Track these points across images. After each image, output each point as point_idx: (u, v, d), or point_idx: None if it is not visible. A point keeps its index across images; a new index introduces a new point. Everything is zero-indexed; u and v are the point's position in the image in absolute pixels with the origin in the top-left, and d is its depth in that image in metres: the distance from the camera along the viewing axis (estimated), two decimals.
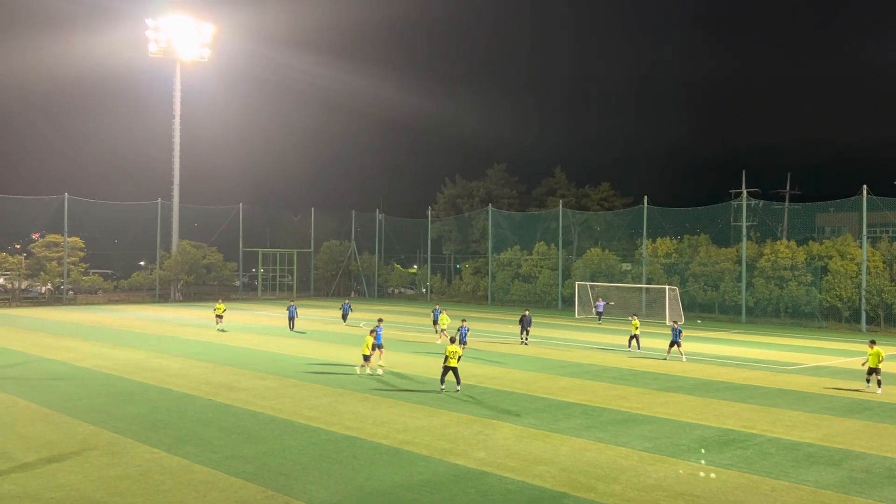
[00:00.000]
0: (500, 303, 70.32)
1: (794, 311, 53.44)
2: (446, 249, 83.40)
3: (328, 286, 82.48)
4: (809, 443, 18.18)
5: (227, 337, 38.94)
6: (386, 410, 21.09)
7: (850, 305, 51.18)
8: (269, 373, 27.34)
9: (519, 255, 70.65)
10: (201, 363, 29.62)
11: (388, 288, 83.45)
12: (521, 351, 34.99)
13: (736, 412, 21.68)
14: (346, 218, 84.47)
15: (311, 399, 22.51)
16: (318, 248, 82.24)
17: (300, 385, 24.96)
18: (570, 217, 70.56)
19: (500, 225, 74.88)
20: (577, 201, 77.49)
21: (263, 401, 22.20)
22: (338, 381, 25.89)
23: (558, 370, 29.29)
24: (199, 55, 71.20)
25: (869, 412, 22.04)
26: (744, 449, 17.56)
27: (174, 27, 69.53)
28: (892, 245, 52.21)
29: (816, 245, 54.51)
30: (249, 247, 77.60)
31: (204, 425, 19.12)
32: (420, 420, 19.97)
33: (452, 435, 18.41)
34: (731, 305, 56.04)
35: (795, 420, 20.73)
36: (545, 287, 67.59)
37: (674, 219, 63.46)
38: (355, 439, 17.87)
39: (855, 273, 51.05)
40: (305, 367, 28.78)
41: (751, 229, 58.10)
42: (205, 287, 74.95)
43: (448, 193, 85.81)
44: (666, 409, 22.01)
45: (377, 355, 27.66)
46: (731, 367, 30.76)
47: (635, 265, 62.73)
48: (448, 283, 79.28)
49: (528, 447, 17.40)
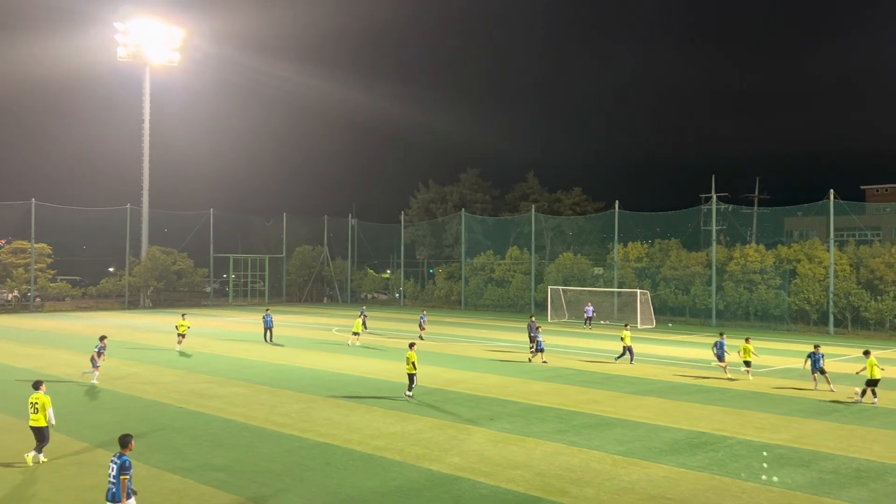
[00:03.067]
0: (474, 307, 70.42)
1: (764, 314, 54.07)
2: (420, 254, 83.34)
3: (301, 292, 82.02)
4: (779, 444, 18.39)
5: (198, 343, 38.55)
6: (359, 416, 21.00)
7: (819, 308, 51.88)
8: (241, 379, 27.11)
9: (492, 259, 70.82)
10: (172, 370, 29.31)
11: (362, 293, 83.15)
12: (493, 355, 35.02)
13: (707, 415, 21.88)
14: (318, 223, 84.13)
15: (283, 406, 22.36)
16: (291, 254, 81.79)
17: (272, 392, 24.78)
18: (543, 222, 70.87)
19: (474, 230, 75.02)
20: (550, 206, 77.84)
21: (235, 408, 22.01)
22: (311, 387, 25.74)
23: (532, 374, 29.36)
24: (169, 59, 70.59)
25: (837, 414, 22.35)
26: (715, 451, 17.72)
27: (143, 31, 68.88)
28: (858, 248, 53.08)
29: (785, 249, 55.23)
30: (220, 252, 76.96)
31: (175, 433, 18.91)
32: (394, 426, 19.92)
33: (426, 440, 18.38)
34: (702, 309, 56.58)
35: (765, 422, 20.97)
36: (518, 291, 67.81)
37: (645, 223, 63.99)
38: (328, 446, 17.78)
39: (823, 276, 51.77)
40: (277, 374, 28.58)
41: (720, 233, 58.79)
42: (175, 293, 74.17)
43: (421, 198, 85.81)
44: (638, 412, 22.15)
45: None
46: (702, 370, 31.04)
47: (607, 269, 63.12)
48: (421, 288, 79.22)
49: (501, 452, 17.42)
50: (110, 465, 11.71)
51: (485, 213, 79.89)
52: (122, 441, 11.95)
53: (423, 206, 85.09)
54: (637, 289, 55.60)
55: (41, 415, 16.04)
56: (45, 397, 16.22)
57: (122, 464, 11.56)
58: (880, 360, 34.68)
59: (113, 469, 11.60)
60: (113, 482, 11.56)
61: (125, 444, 11.90)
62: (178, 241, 73.90)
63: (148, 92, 70.69)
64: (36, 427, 16.09)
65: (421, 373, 28.68)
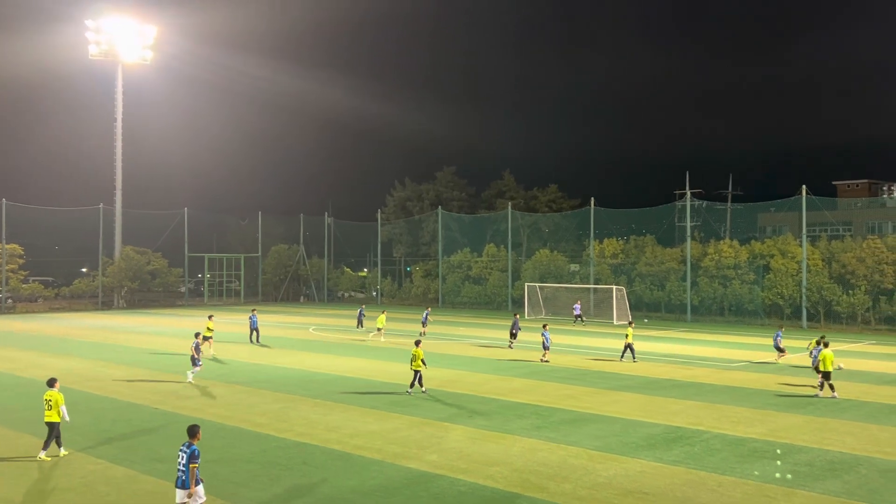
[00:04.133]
0: (451, 305, 70.46)
1: (738, 308, 54.63)
2: (396, 252, 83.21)
3: (277, 291, 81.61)
4: (754, 438, 18.60)
5: (173, 344, 38.24)
6: (337, 416, 20.96)
7: (792, 303, 52.51)
8: (218, 380, 26.93)
9: (469, 257, 70.90)
10: (147, 371, 29.06)
11: (339, 292, 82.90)
12: (473, 353, 35.09)
13: (683, 409, 22.07)
14: (294, 222, 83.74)
15: (260, 405, 22.25)
16: (266, 253, 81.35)
17: (249, 391, 24.65)
18: (519, 219, 71.05)
19: (450, 227, 75.06)
20: (526, 203, 78.04)
21: (211, 408, 21.87)
22: (288, 387, 25.63)
23: (510, 371, 29.46)
24: (142, 57, 69.88)
25: (811, 407, 22.64)
26: (691, 445, 17.89)
27: (115, 29, 68.13)
28: (830, 243, 53.75)
29: (758, 244, 55.83)
30: (195, 252, 76.38)
31: (150, 434, 18.76)
32: (371, 424, 19.90)
33: (404, 438, 18.38)
34: (677, 304, 57.05)
35: (740, 416, 21.19)
36: (495, 289, 67.96)
37: (620, 220, 64.39)
38: (306, 445, 17.72)
39: (795, 271, 52.40)
40: (255, 374, 28.42)
41: (695, 229, 59.25)
42: (149, 294, 73.51)
43: (398, 196, 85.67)
44: (615, 407, 22.30)
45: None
46: (678, 365, 31.30)
47: (583, 266, 63.44)
48: (399, 286, 79.13)
49: (480, 449, 17.46)
50: (179, 454, 12.30)
51: (461, 210, 79.94)
52: (191, 431, 12.55)
53: (399, 205, 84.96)
54: (613, 285, 55.94)
55: (55, 411, 16.74)
56: (58, 395, 16.86)
57: (191, 453, 12.17)
58: (847, 353, 35.17)
59: (182, 458, 12.20)
60: (182, 470, 12.16)
61: (193, 434, 12.49)
62: (152, 240, 73.19)
63: (120, 90, 69.93)
64: (50, 423, 16.77)
65: (398, 371, 28.73)
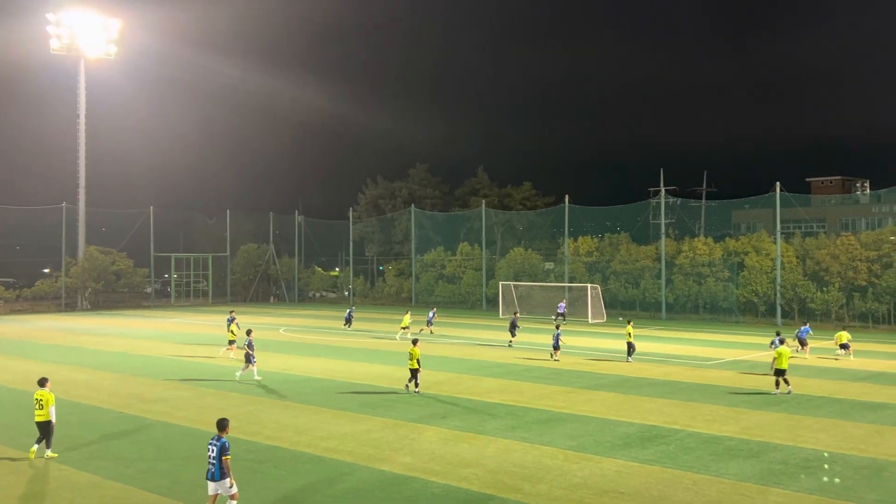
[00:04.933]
0: (425, 304, 70.30)
1: (713, 306, 55.18)
2: (369, 251, 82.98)
3: (246, 291, 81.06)
4: (729, 436, 18.81)
5: (140, 346, 37.86)
6: (308, 418, 20.87)
7: (766, 300, 53.12)
8: (185, 382, 26.71)
9: (443, 255, 70.93)
10: (111, 374, 28.73)
11: (310, 292, 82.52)
12: (445, 352, 35.12)
13: (657, 408, 22.26)
14: (263, 220, 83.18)
15: (229, 409, 22.08)
16: (235, 252, 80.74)
17: (218, 394, 24.47)
18: (493, 217, 71.18)
19: (424, 226, 75.01)
20: (500, 201, 78.19)
21: (178, 412, 21.68)
22: (257, 389, 25.49)
23: (483, 371, 29.52)
24: (106, 52, 68.94)
25: (785, 405, 22.93)
26: (666, 444, 18.05)
27: (77, 22, 67.13)
28: (804, 240, 54.45)
29: (733, 241, 56.43)
30: (161, 252, 75.61)
31: (115, 439, 18.55)
32: (343, 426, 19.84)
33: (377, 440, 18.35)
34: (652, 302, 57.51)
35: (715, 414, 21.42)
36: (469, 287, 68.05)
37: (594, 218, 64.80)
38: (277, 448, 17.63)
39: (770, 268, 53.04)
40: (223, 376, 28.22)
41: (669, 227, 59.74)
42: (114, 295, 72.67)
43: (370, 194, 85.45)
44: (589, 406, 22.44)
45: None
46: (652, 364, 31.56)
47: (558, 264, 63.71)
48: (371, 286, 78.95)
49: (453, 450, 17.49)
50: (209, 448, 12.60)
51: (434, 208, 79.93)
52: (220, 424, 12.85)
53: (371, 203, 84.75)
54: (588, 283, 56.25)
55: (45, 410, 16.88)
56: (48, 394, 17.03)
57: (221, 446, 12.52)
58: (821, 351, 35.67)
59: (213, 451, 12.51)
60: (213, 463, 12.51)
61: (223, 428, 12.81)
62: (117, 240, 72.35)
63: (83, 86, 68.94)
64: (40, 422, 16.91)
65: (369, 372, 28.70)
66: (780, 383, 24.53)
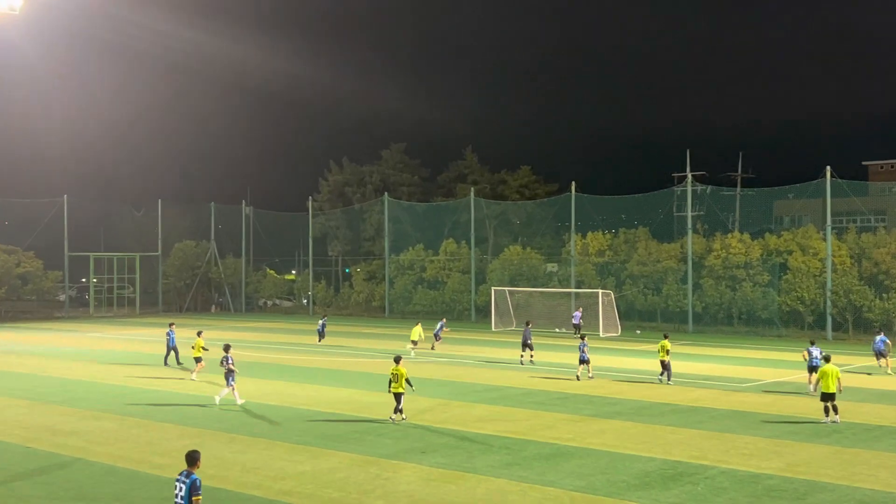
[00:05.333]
0: (401, 314, 70.35)
1: (750, 317, 55.45)
2: (332, 250, 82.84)
3: (182, 299, 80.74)
4: (770, 474, 18.91)
5: (51, 366, 37.63)
6: (258, 453, 20.82)
7: (814, 309, 53.39)
8: (107, 411, 26.57)
9: (423, 255, 70.91)
10: (16, 401, 28.54)
11: (260, 299, 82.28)
12: (427, 373, 35.10)
13: (683, 440, 22.35)
14: (203, 212, 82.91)
15: (162, 443, 21.99)
16: (168, 252, 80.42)
17: (148, 425, 24.37)
18: (485, 208, 71.25)
19: (399, 219, 74.93)
20: (493, 189, 78.28)
21: (99, 447, 21.58)
22: (197, 418, 25.39)
23: (473, 395, 29.52)
24: (9, 6, 68.33)
25: (838, 435, 23.08)
26: (693, 484, 18.12)
27: None
28: (860, 237, 54.66)
29: (774, 238, 56.67)
30: (78, 251, 75.20)
31: (23, 480, 18.44)
32: (301, 464, 19.80)
33: (342, 481, 18.33)
34: (676, 312, 57.74)
35: (753, 447, 21.53)
36: (455, 294, 68.05)
37: (607, 209, 64.93)
38: (219, 490, 17.58)
39: (819, 271, 53.28)
40: (154, 402, 28.10)
41: (697, 220, 60.03)
42: (20, 303, 72.26)
43: (334, 180, 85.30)
44: (601, 438, 22.50)
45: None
46: (678, 387, 31.68)
47: (562, 266, 63.87)
48: (335, 292, 78.85)
49: (436, 492, 17.50)
50: (176, 486, 12.38)
51: (413, 198, 79.90)
52: (191, 457, 12.66)
53: (336, 191, 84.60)
54: (599, 289, 56.39)
55: None
56: None
57: (192, 483, 12.25)
58: (880, 371, 35.92)
59: (181, 489, 12.28)
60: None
61: (193, 462, 12.61)
62: (23, 236, 71.84)
63: None
64: None
65: (333, 397, 28.67)
66: (830, 410, 24.64)
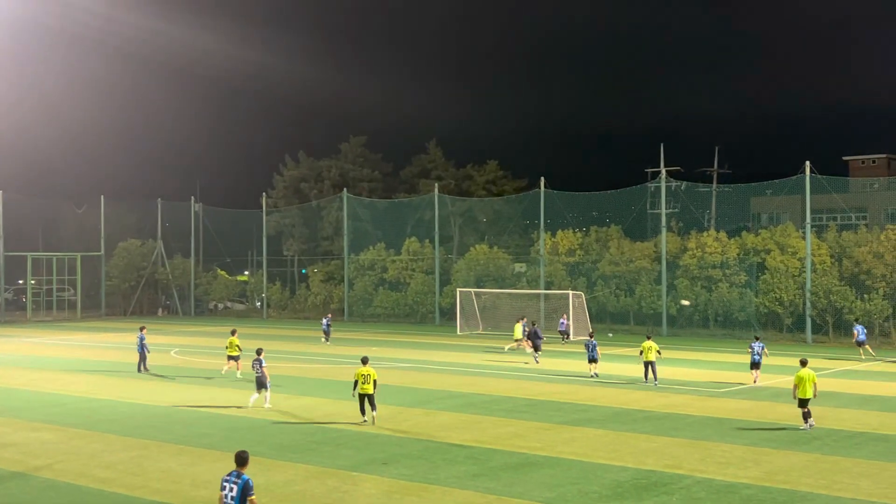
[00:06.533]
0: (361, 317, 70.26)
1: (726, 319, 55.87)
2: (288, 250, 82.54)
3: (126, 302, 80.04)
4: (747, 483, 19.06)
5: None
6: (208, 466, 20.68)
7: (793, 311, 53.92)
8: (46, 421, 26.30)
9: (384, 255, 70.80)
10: None
11: (210, 302, 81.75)
12: (388, 380, 35.00)
13: (657, 448, 22.48)
14: (149, 209, 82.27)
15: (105, 455, 21.80)
16: (112, 251, 79.71)
17: (90, 436, 24.15)
18: (449, 205, 71.31)
19: (359, 216, 74.81)
20: (458, 185, 78.38)
21: (37, 460, 21.35)
22: (142, 428, 25.20)
23: (436, 403, 29.54)
24: None
25: (818, 442, 23.32)
26: (668, 494, 18.23)
27: None
28: (840, 235, 55.25)
29: (751, 236, 57.18)
30: (14, 250, 74.35)
31: None
32: (255, 476, 19.50)
33: (298, 494, 18.26)
34: (650, 314, 58.08)
35: (730, 455, 21.70)
36: (418, 296, 68.01)
37: (578, 206, 65.19)
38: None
39: (798, 270, 53.79)
40: (96, 412, 27.86)
41: (671, 218, 60.39)
42: None
43: (289, 175, 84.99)
44: (571, 447, 22.58)
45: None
46: (651, 392, 31.88)
47: (531, 266, 64.04)
48: (291, 294, 78.52)
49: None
50: (225, 486, 12.62)
51: (374, 194, 79.83)
52: (241, 458, 12.95)
53: (291, 186, 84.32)
54: (569, 290, 56.57)
55: None
56: None
57: (244, 483, 12.57)
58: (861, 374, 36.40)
59: (232, 490, 12.53)
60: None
61: (244, 462, 12.92)
62: None
63: None
64: None
65: (289, 405, 28.54)
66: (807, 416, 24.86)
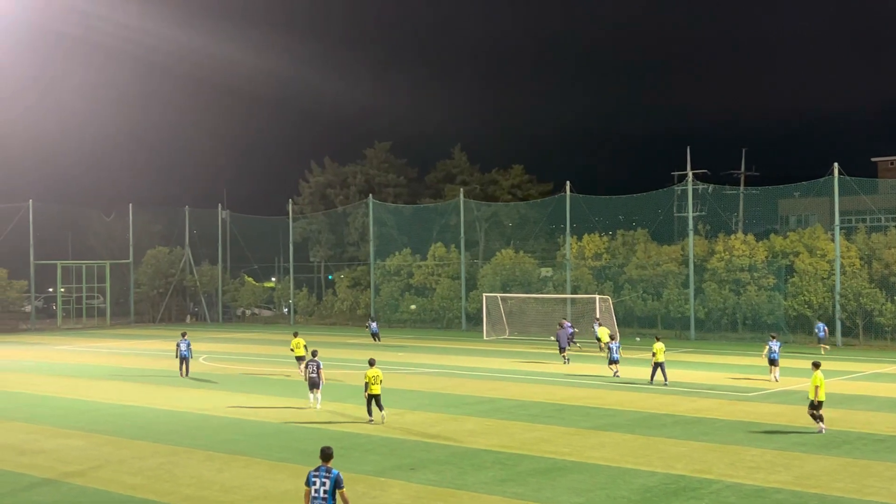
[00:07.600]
0: (387, 322, 70.27)
1: (755, 322, 55.52)
2: (314, 256, 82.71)
3: (155, 309, 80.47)
4: (777, 488, 18.93)
5: (15, 382, 37.50)
6: (237, 472, 20.75)
7: (823, 313, 53.51)
8: (77, 428, 26.47)
9: (410, 260, 70.85)
10: None
11: (238, 308, 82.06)
12: (414, 385, 35.07)
13: (686, 453, 22.37)
14: (177, 217, 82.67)
15: (135, 461, 21.91)
16: (140, 259, 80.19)
17: (120, 442, 24.28)
18: (475, 210, 71.24)
19: (385, 222, 74.88)
20: (483, 189, 78.29)
21: (68, 466, 21.49)
22: (171, 435, 25.30)
23: (463, 408, 29.49)
24: None
25: (848, 446, 23.13)
26: (697, 499, 18.13)
27: None
28: (870, 237, 54.80)
29: (779, 239, 56.83)
30: (45, 259, 74.92)
31: None
32: (284, 482, 19.74)
33: None
34: (678, 318, 57.81)
35: (759, 460, 21.56)
36: (444, 301, 68.01)
37: (604, 210, 64.93)
38: None
39: (827, 273, 53.45)
40: (125, 419, 27.99)
41: (699, 221, 60.09)
42: None
43: (316, 182, 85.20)
44: (600, 452, 22.50)
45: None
46: (680, 396, 31.70)
47: (557, 270, 63.87)
48: (318, 300, 78.70)
49: None
50: (315, 481, 13.07)
51: (399, 199, 79.85)
52: (327, 454, 13.54)
53: (317, 193, 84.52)
54: (596, 294, 56.39)
55: None
56: None
57: (335, 477, 13.09)
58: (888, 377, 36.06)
59: (324, 485, 12.98)
60: (324, 499, 12.99)
61: (329, 457, 13.50)
62: None
63: None
64: None
65: (318, 411, 28.56)
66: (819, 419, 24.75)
